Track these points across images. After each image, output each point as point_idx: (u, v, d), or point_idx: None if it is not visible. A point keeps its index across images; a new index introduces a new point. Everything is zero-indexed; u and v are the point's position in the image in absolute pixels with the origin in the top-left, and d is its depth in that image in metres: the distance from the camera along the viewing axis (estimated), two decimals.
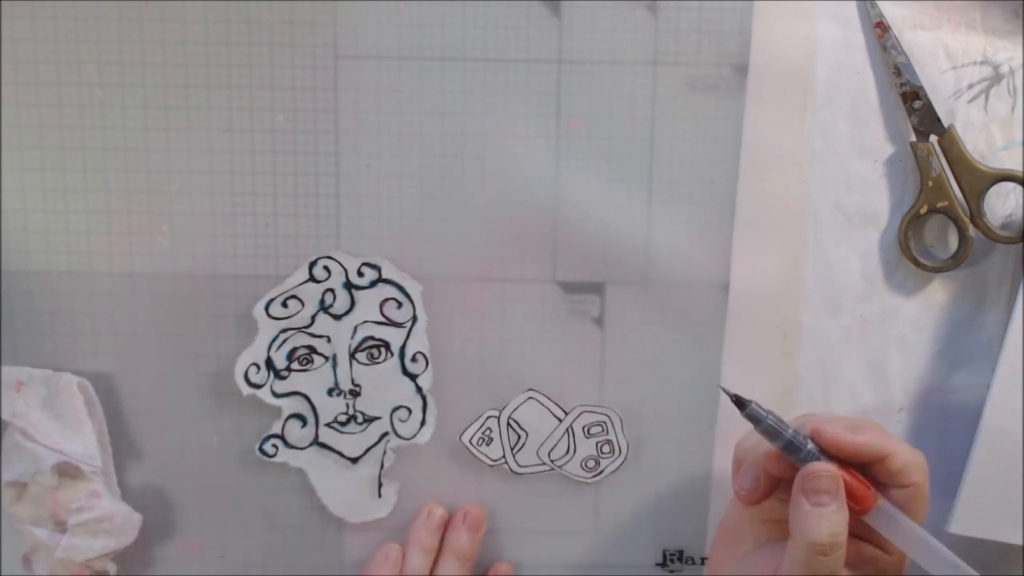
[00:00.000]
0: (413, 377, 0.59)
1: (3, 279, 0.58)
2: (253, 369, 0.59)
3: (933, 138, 0.57)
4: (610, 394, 0.60)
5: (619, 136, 0.58)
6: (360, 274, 0.58)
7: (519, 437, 0.60)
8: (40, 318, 0.59)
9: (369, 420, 0.60)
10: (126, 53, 0.57)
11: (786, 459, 0.50)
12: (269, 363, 0.59)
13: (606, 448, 0.60)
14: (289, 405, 0.59)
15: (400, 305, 0.59)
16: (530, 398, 0.60)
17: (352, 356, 0.59)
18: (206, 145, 0.58)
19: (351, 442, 0.60)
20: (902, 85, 0.57)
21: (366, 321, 0.59)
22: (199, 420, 0.60)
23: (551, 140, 0.58)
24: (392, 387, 0.59)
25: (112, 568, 0.59)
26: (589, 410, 0.60)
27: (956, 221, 0.58)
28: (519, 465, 0.60)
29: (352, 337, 0.59)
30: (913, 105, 0.57)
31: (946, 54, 0.57)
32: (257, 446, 0.59)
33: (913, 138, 0.58)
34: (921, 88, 0.57)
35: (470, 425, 0.60)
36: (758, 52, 0.57)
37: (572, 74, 0.57)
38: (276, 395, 0.59)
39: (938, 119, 0.57)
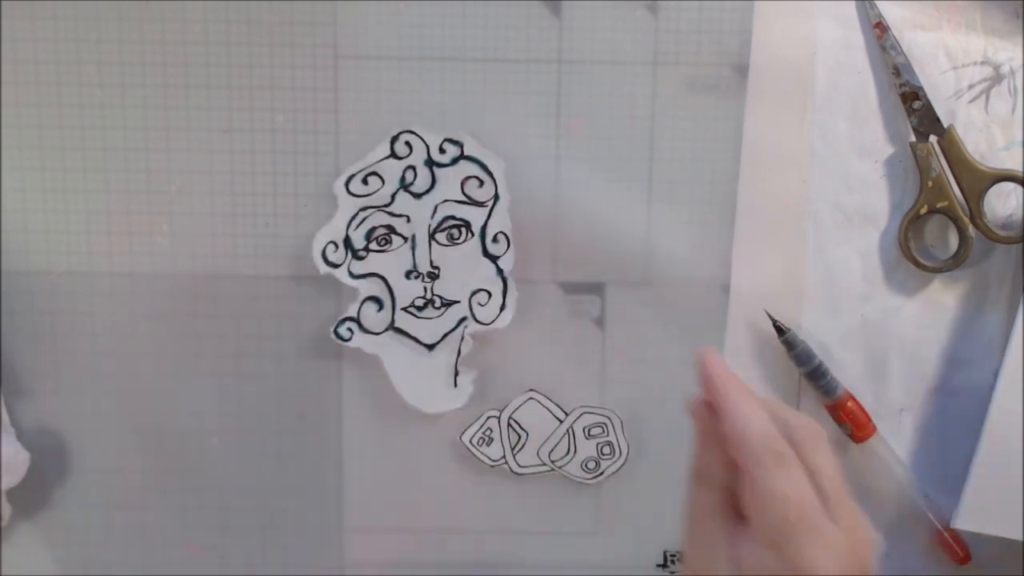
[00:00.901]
0: (494, 259, 0.58)
1: (3, 279, 0.58)
2: (331, 247, 0.57)
3: (933, 138, 0.57)
4: (610, 394, 0.60)
5: (619, 136, 0.58)
6: (442, 151, 0.57)
7: (519, 437, 0.60)
8: (40, 318, 0.59)
9: (447, 304, 0.58)
10: (126, 53, 0.57)
11: None
12: (347, 242, 0.57)
13: (606, 449, 0.60)
14: (366, 287, 0.58)
15: (482, 183, 0.57)
16: (531, 398, 0.59)
17: (432, 236, 0.57)
18: (206, 145, 0.58)
19: (428, 327, 0.58)
20: (901, 85, 0.57)
21: (447, 200, 0.57)
22: (199, 420, 0.60)
23: (551, 140, 0.58)
24: (472, 269, 0.58)
25: (7, 511, 0.59)
26: (590, 411, 0.60)
27: (956, 221, 0.58)
28: (519, 465, 0.60)
29: (432, 217, 0.57)
30: (912, 105, 0.57)
31: (946, 54, 0.57)
32: (332, 329, 0.58)
33: (913, 138, 0.58)
34: (920, 88, 0.57)
35: (470, 425, 0.60)
36: (758, 52, 0.57)
37: (572, 74, 0.57)
38: (353, 276, 0.58)
39: (937, 119, 0.57)
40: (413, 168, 0.57)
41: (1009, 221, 0.59)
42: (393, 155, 0.57)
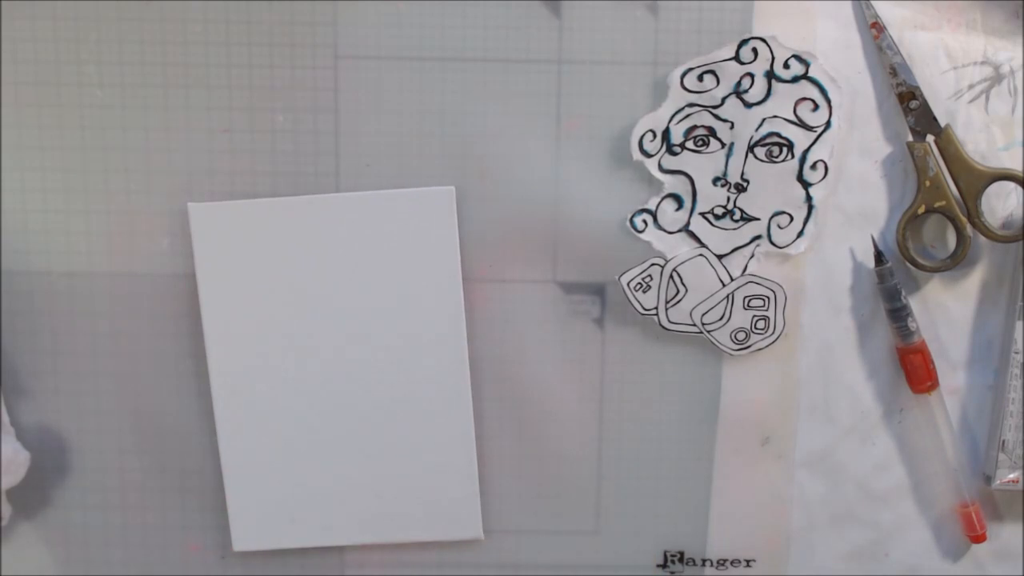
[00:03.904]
0: (807, 185, 0.57)
1: (3, 279, 0.58)
2: (649, 136, 0.57)
3: (930, 138, 0.57)
4: (610, 394, 0.60)
5: (619, 136, 0.58)
6: (786, 66, 0.56)
7: (677, 292, 0.59)
8: (40, 318, 0.59)
9: (746, 219, 0.58)
10: (126, 53, 0.57)
11: None
12: (666, 134, 0.57)
13: (761, 324, 0.59)
14: (671, 183, 0.58)
15: (816, 108, 0.57)
16: (700, 255, 0.58)
17: (750, 149, 0.57)
18: (206, 145, 0.58)
19: (721, 237, 0.58)
20: (898, 85, 0.57)
21: (776, 116, 0.57)
22: (200, 420, 0.60)
23: (551, 140, 0.58)
24: (781, 190, 0.57)
25: (7, 511, 0.59)
26: (756, 281, 0.59)
27: (954, 221, 0.58)
28: (669, 321, 0.59)
29: (757, 129, 0.57)
30: (909, 105, 0.57)
31: (946, 54, 0.57)
32: (628, 218, 0.58)
33: (910, 138, 0.58)
34: (917, 88, 0.57)
35: (632, 268, 0.59)
36: None
37: (572, 74, 0.57)
38: (662, 170, 0.57)
39: (934, 119, 0.57)
40: (752, 76, 0.56)
41: (1009, 220, 0.59)
42: (736, 59, 0.56)
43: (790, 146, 0.57)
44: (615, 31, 0.57)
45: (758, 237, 0.58)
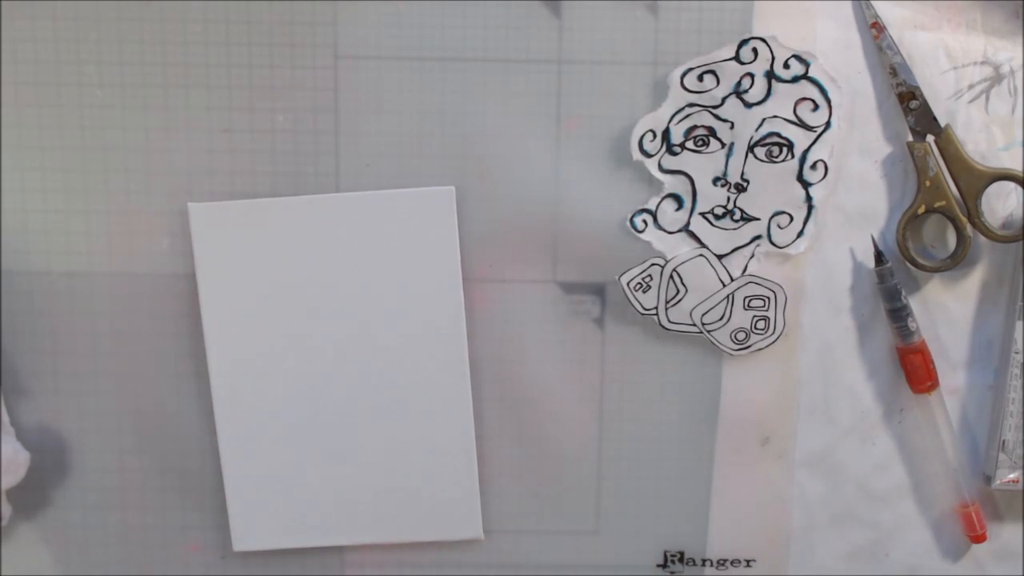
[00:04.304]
0: (807, 185, 0.57)
1: (3, 279, 0.58)
2: (649, 136, 0.57)
3: (930, 138, 0.57)
4: (610, 394, 0.60)
5: (619, 136, 0.58)
6: (786, 66, 0.56)
7: (677, 292, 0.59)
8: (40, 318, 0.59)
9: (747, 219, 0.58)
10: (126, 53, 0.57)
11: None
12: (666, 134, 0.57)
13: (761, 324, 0.59)
14: (671, 183, 0.58)
15: (816, 108, 0.57)
16: (700, 255, 0.58)
17: (750, 149, 0.57)
18: (206, 145, 0.58)
19: (721, 237, 0.58)
20: (898, 85, 0.57)
21: (776, 116, 0.57)
22: (200, 420, 0.60)
23: (551, 140, 0.58)
24: (781, 190, 0.58)
25: (7, 511, 0.59)
26: (756, 282, 0.59)
27: (954, 221, 0.58)
28: (669, 321, 0.59)
29: (757, 129, 0.57)
30: (909, 105, 0.57)
31: (946, 54, 0.57)
32: (628, 218, 0.58)
33: (910, 138, 0.58)
34: (917, 88, 0.57)
35: (632, 268, 0.59)
36: None
37: (572, 74, 0.57)
38: (663, 170, 0.57)
39: (934, 119, 0.57)
40: (752, 76, 0.56)
41: (1009, 220, 0.59)
42: (736, 59, 0.56)
43: (790, 146, 0.57)
44: (615, 31, 0.57)
45: (758, 237, 0.58)
